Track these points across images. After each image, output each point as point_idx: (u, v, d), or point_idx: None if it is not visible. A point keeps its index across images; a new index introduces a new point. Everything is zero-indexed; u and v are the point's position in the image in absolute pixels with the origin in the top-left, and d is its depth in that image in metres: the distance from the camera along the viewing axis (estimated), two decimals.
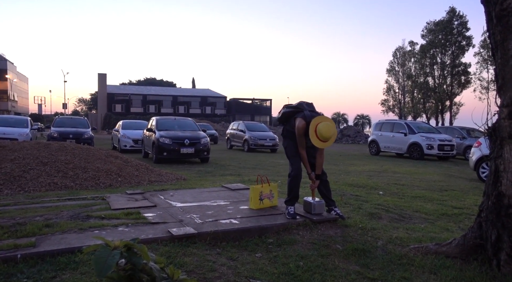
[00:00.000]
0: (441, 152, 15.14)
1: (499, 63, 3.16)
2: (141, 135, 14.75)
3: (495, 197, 3.06)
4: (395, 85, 52.89)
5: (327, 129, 4.09)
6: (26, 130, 14.27)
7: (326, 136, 4.10)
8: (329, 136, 4.12)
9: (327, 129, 4.09)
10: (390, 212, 5.00)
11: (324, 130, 4.08)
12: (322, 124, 4.13)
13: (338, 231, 4.06)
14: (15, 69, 68.79)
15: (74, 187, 6.11)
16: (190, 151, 11.64)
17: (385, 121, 18.45)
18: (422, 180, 8.59)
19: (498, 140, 3.14)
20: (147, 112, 53.90)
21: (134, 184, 6.71)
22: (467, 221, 4.71)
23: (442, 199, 6.15)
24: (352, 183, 7.43)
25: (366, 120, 74.58)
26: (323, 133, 4.08)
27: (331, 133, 4.12)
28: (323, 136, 4.10)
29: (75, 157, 7.14)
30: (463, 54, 44.19)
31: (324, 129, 4.08)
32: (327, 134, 4.09)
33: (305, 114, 4.33)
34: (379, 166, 11.89)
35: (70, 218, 3.99)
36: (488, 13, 3.23)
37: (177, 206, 4.76)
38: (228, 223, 3.99)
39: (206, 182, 7.19)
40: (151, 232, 3.59)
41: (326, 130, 4.09)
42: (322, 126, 4.10)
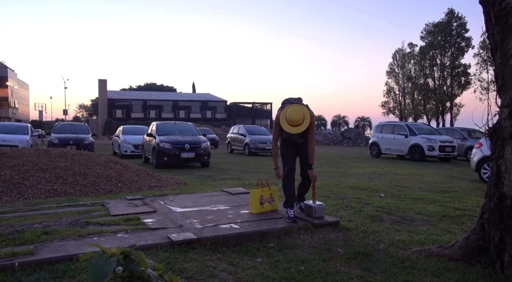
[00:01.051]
0: (442, 154, 15.09)
1: (498, 63, 3.14)
2: (141, 140, 14.74)
3: (497, 198, 3.03)
4: (395, 87, 52.91)
5: (293, 113, 4.15)
6: (27, 137, 14.27)
7: (293, 119, 4.15)
8: (296, 119, 4.14)
9: (293, 112, 4.15)
10: (391, 215, 4.96)
11: (291, 114, 4.15)
12: (290, 109, 4.21)
13: (340, 235, 4.03)
14: (15, 76, 68.98)
15: (73, 193, 6.08)
16: (190, 155, 11.62)
17: (386, 123, 18.41)
18: (423, 181, 8.55)
19: (499, 141, 3.11)
20: (147, 117, 53.95)
21: (134, 190, 6.68)
22: (469, 223, 4.67)
23: (444, 201, 6.11)
24: (353, 185, 7.39)
25: (367, 122, 74.44)
26: (290, 116, 4.15)
27: (298, 116, 4.14)
28: (291, 120, 4.16)
29: (75, 163, 7.12)
30: (462, 55, 44.19)
31: (291, 113, 4.16)
32: (293, 117, 4.14)
33: (283, 106, 4.41)
34: (380, 168, 11.85)
35: (69, 225, 3.97)
36: (487, 13, 3.21)
37: (177, 211, 4.73)
38: (228, 227, 3.95)
39: (207, 187, 7.16)
40: (150, 238, 3.55)
41: (293, 113, 4.15)
42: (289, 111, 4.19)
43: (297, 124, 4.17)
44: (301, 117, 4.16)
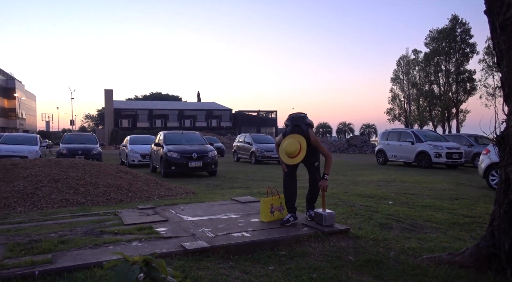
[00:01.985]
0: (449, 160, 15.06)
1: (505, 71, 3.20)
2: (148, 149, 14.87)
3: (507, 205, 3.07)
4: (400, 94, 52.85)
5: (289, 146, 4.34)
6: (36, 148, 14.45)
7: (289, 151, 4.35)
8: (292, 151, 4.33)
9: (289, 145, 4.34)
10: (401, 222, 4.99)
11: (287, 147, 4.35)
12: (286, 142, 4.41)
13: (350, 242, 4.07)
14: (23, 87, 69.89)
15: (85, 203, 6.17)
16: (198, 164, 11.70)
17: (392, 130, 18.42)
18: (431, 189, 8.55)
19: (508, 148, 3.16)
20: (153, 126, 54.31)
21: (145, 199, 6.76)
22: (479, 230, 4.69)
23: (453, 208, 6.12)
24: (361, 193, 7.42)
25: (372, 129, 74.33)
26: (287, 149, 4.36)
27: (294, 148, 4.33)
28: (287, 152, 4.36)
29: (86, 173, 7.23)
30: (467, 61, 44.11)
31: (287, 146, 4.36)
32: (289, 150, 4.34)
33: (286, 130, 4.65)
34: (387, 175, 11.85)
35: (84, 234, 4.05)
36: (492, 23, 3.28)
37: (188, 220, 4.79)
38: (240, 236, 4.01)
39: (215, 196, 7.23)
40: (164, 246, 3.62)
41: (288, 146, 4.35)
42: (286, 144, 4.39)
43: (293, 156, 4.37)
44: (296, 149, 4.34)
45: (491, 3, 3.22)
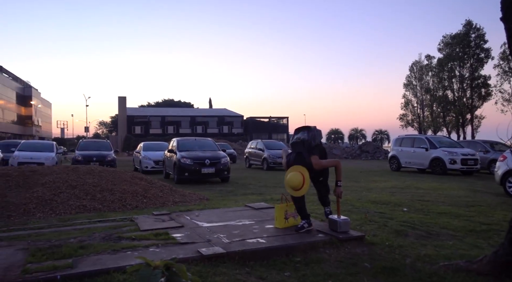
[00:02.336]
0: (464, 167, 14.85)
1: None
2: (161, 156, 15.03)
3: None
4: (413, 99, 52.36)
5: (292, 180, 4.34)
6: (52, 154, 14.74)
7: (293, 185, 4.36)
8: (296, 185, 4.33)
9: (292, 179, 4.34)
10: (416, 229, 4.96)
11: (290, 181, 4.36)
12: (289, 175, 4.41)
13: (365, 249, 4.06)
14: (39, 95, 71.32)
15: (102, 209, 6.28)
16: (211, 171, 11.78)
17: (405, 136, 18.27)
18: (446, 195, 8.45)
19: None
20: (166, 133, 54.79)
21: (159, 205, 6.84)
22: (496, 238, 4.63)
23: (469, 215, 6.05)
24: (375, 200, 7.38)
25: (385, 135, 73.71)
26: (290, 184, 4.37)
27: (297, 182, 4.32)
28: (291, 186, 4.39)
29: (102, 180, 7.35)
30: (482, 66, 43.54)
31: (290, 181, 4.36)
32: (293, 184, 4.35)
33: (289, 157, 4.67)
34: (401, 182, 11.75)
35: (102, 239, 4.13)
36: (508, 30, 3.28)
37: (203, 226, 4.84)
38: (255, 242, 4.04)
39: (229, 202, 7.27)
40: (181, 252, 3.67)
41: (291, 181, 4.35)
42: (289, 177, 4.39)
43: (298, 188, 4.37)
44: (300, 182, 4.33)
45: (508, 11, 3.23)
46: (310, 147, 4.58)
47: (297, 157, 4.53)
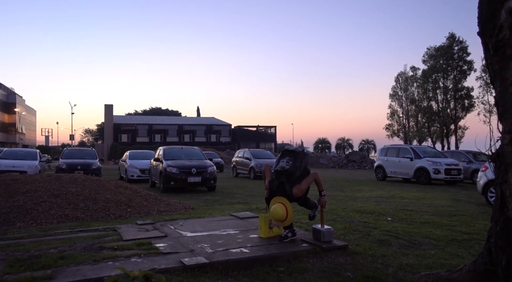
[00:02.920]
0: (448, 177, 15.09)
1: (498, 91, 3.28)
2: (147, 165, 14.90)
3: (503, 222, 3.10)
4: (398, 110, 53.19)
5: (275, 213, 4.35)
6: (35, 162, 14.49)
7: (277, 218, 4.38)
8: (279, 218, 4.35)
9: (276, 212, 4.34)
10: (399, 239, 5.01)
11: (274, 214, 4.36)
12: (272, 207, 4.40)
13: (348, 259, 4.08)
14: (23, 102, 70.22)
15: (85, 218, 6.18)
16: (197, 180, 11.72)
17: (391, 146, 18.50)
18: (430, 205, 8.56)
19: (503, 166, 3.21)
20: (153, 141, 54.40)
21: (144, 215, 6.77)
22: (477, 247, 4.70)
23: (452, 225, 6.13)
24: (360, 209, 7.43)
25: (371, 145, 74.35)
26: (274, 215, 4.38)
27: (281, 215, 4.33)
28: (276, 219, 4.41)
29: (86, 189, 7.25)
30: (465, 78, 44.63)
31: (274, 213, 4.36)
32: (277, 217, 4.36)
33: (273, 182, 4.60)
34: (386, 191, 11.86)
35: (83, 249, 4.06)
36: (485, 44, 3.38)
37: (187, 236, 4.80)
38: (238, 252, 4.03)
39: (214, 211, 7.24)
40: (163, 262, 3.63)
41: (275, 213, 4.35)
42: (272, 209, 4.38)
43: (282, 220, 4.38)
44: (284, 214, 4.34)
45: (484, 26, 3.33)
46: (294, 177, 4.51)
47: (279, 187, 4.48)
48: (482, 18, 3.37)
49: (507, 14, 3.10)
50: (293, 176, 4.48)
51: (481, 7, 3.39)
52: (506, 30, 3.10)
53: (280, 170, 4.50)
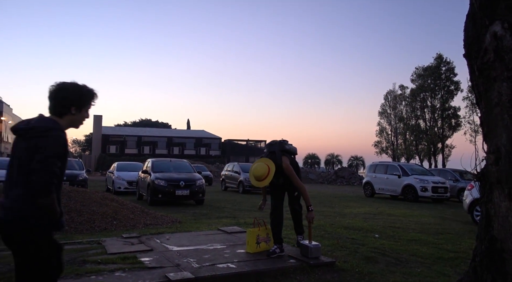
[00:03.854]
0: (435, 195, 15.22)
1: (483, 112, 3.35)
2: (135, 177, 14.73)
3: (488, 241, 3.13)
4: (387, 127, 53.81)
5: (257, 169, 4.46)
6: None
7: (256, 175, 4.46)
8: (259, 175, 4.42)
9: (257, 168, 4.46)
10: (386, 256, 5.01)
11: (255, 170, 4.48)
12: (255, 165, 4.54)
13: (335, 276, 4.06)
14: (11, 111, 69.20)
15: (68, 231, 6.05)
16: (185, 193, 11.61)
17: (379, 163, 18.65)
18: (417, 222, 8.61)
19: (488, 185, 3.26)
20: (141, 153, 53.94)
21: (130, 227, 6.66)
22: (463, 265, 4.72)
23: (438, 243, 6.17)
24: (348, 225, 7.43)
25: (360, 161, 74.87)
26: (254, 172, 4.47)
27: (261, 172, 4.42)
28: (255, 175, 4.47)
29: (71, 200, 7.13)
30: (452, 98, 45.51)
31: (255, 169, 4.48)
32: (256, 173, 4.45)
33: (265, 150, 4.84)
34: (374, 208, 11.90)
35: (66, 263, 3.95)
36: (471, 66, 3.47)
37: (173, 250, 4.74)
38: (225, 267, 3.98)
39: (202, 225, 7.17)
40: (148, 277, 3.57)
41: (256, 169, 4.47)
42: (254, 167, 4.52)
43: (260, 179, 4.45)
44: (264, 173, 4.42)
45: (470, 48, 3.42)
46: (284, 149, 4.70)
47: (270, 155, 4.65)
48: (467, 41, 3.46)
49: (492, 38, 3.20)
50: (284, 147, 4.71)
51: (467, 30, 3.50)
52: (491, 53, 3.19)
53: (272, 142, 4.79)
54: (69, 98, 2.16)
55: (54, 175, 1.99)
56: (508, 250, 2.96)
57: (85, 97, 2.23)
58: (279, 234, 4.65)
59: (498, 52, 3.13)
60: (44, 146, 1.99)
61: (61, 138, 2.06)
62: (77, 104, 2.19)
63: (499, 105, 3.12)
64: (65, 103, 2.16)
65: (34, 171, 1.96)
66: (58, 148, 2.03)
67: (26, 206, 2.00)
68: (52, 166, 1.98)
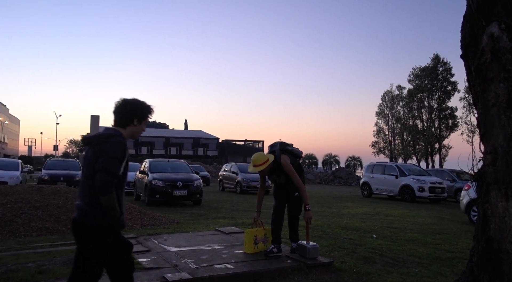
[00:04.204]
0: (432, 195, 15.26)
1: (480, 112, 3.36)
2: (132, 177, 14.68)
3: (485, 241, 3.14)
4: (384, 128, 53.88)
5: (256, 155, 4.69)
6: (17, 173, 14.17)
7: (253, 159, 4.66)
8: (255, 160, 4.63)
9: (257, 155, 4.70)
10: (384, 256, 5.01)
11: (254, 156, 4.70)
12: (256, 153, 4.78)
13: (333, 276, 4.06)
14: (7, 111, 69.01)
15: (66, 231, 6.03)
16: (183, 193, 11.60)
17: (376, 163, 18.69)
18: (414, 223, 8.63)
19: (485, 186, 3.27)
20: (139, 153, 53.87)
21: (127, 228, 6.64)
22: (460, 266, 4.73)
23: (435, 243, 6.18)
24: (346, 226, 7.44)
25: (358, 161, 74.94)
26: (253, 158, 4.68)
27: (258, 158, 4.63)
28: (252, 160, 4.67)
29: (68, 201, 7.10)
30: (449, 98, 45.59)
31: (254, 156, 4.70)
32: (254, 158, 4.67)
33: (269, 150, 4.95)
34: (372, 208, 11.92)
35: (63, 264, 3.95)
36: (468, 67, 3.48)
37: (171, 250, 4.73)
38: (223, 268, 3.98)
39: (200, 226, 7.16)
40: (145, 278, 3.56)
41: (256, 156, 4.69)
42: (255, 154, 4.74)
43: (255, 164, 4.59)
44: (262, 160, 4.58)
45: (467, 49, 3.43)
46: (284, 149, 4.81)
47: (271, 153, 4.80)
48: (465, 41, 3.47)
49: (489, 39, 3.22)
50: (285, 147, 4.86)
51: (464, 31, 3.51)
52: (488, 54, 3.20)
53: (274, 143, 4.98)
54: (133, 112, 2.49)
55: (114, 175, 2.25)
56: (505, 250, 2.97)
57: (145, 111, 2.56)
58: (278, 234, 4.65)
59: (495, 53, 3.15)
60: (106, 150, 2.29)
61: (122, 144, 2.37)
62: (139, 117, 2.52)
63: (496, 105, 3.13)
64: (129, 116, 2.48)
65: (97, 171, 2.24)
66: (118, 152, 2.31)
67: (92, 208, 2.28)
68: (113, 168, 2.26)
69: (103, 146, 2.31)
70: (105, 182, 2.20)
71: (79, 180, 11.68)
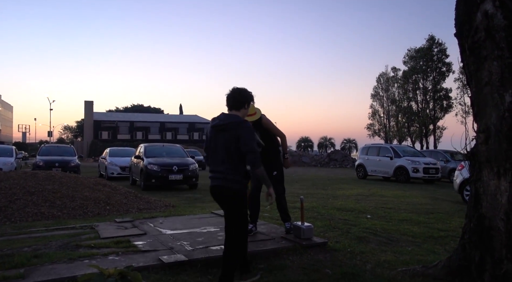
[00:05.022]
0: (426, 175, 15.41)
1: (474, 91, 3.35)
2: (128, 162, 14.68)
3: (477, 219, 3.18)
4: (380, 110, 53.90)
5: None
6: (11, 159, 14.11)
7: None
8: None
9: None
10: (378, 236, 5.08)
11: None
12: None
13: (328, 256, 4.11)
14: None
15: (61, 216, 6.04)
16: (178, 177, 11.61)
17: (371, 145, 18.77)
18: (408, 203, 8.72)
19: (477, 164, 3.29)
20: (134, 139, 53.65)
21: (123, 212, 6.66)
22: (452, 243, 4.80)
23: (429, 222, 6.26)
24: (341, 207, 7.51)
25: (353, 144, 75.20)
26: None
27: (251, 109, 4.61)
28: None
29: (63, 186, 7.09)
30: (443, 79, 45.54)
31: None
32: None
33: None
34: (367, 189, 12.03)
35: (59, 248, 3.97)
36: (462, 45, 3.45)
37: (167, 233, 4.76)
38: (218, 249, 4.00)
39: (195, 209, 7.19)
40: (141, 260, 3.59)
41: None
42: None
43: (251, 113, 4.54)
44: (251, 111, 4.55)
45: (461, 27, 3.40)
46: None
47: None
48: (459, 19, 3.44)
49: (483, 17, 3.18)
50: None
51: (458, 9, 3.46)
52: (482, 32, 3.17)
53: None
54: (244, 97, 3.13)
55: (258, 153, 2.95)
56: (496, 228, 3.01)
57: (251, 97, 3.20)
58: (253, 213, 4.78)
59: (489, 31, 3.11)
60: (244, 135, 2.90)
61: (251, 128, 2.98)
62: (248, 102, 3.15)
63: (489, 84, 3.12)
64: (243, 100, 3.12)
65: (248, 152, 2.89)
66: (252, 134, 2.96)
67: (234, 175, 2.96)
68: (255, 148, 2.92)
69: (239, 131, 2.90)
70: (256, 159, 2.90)
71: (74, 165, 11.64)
